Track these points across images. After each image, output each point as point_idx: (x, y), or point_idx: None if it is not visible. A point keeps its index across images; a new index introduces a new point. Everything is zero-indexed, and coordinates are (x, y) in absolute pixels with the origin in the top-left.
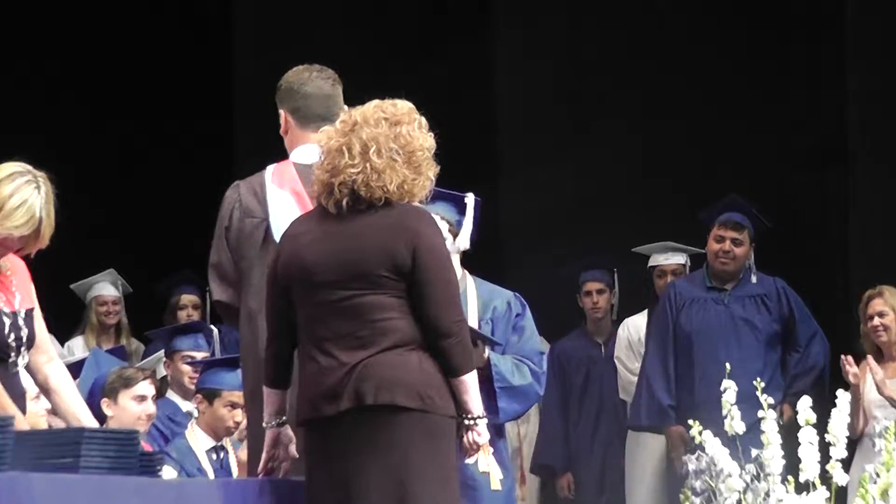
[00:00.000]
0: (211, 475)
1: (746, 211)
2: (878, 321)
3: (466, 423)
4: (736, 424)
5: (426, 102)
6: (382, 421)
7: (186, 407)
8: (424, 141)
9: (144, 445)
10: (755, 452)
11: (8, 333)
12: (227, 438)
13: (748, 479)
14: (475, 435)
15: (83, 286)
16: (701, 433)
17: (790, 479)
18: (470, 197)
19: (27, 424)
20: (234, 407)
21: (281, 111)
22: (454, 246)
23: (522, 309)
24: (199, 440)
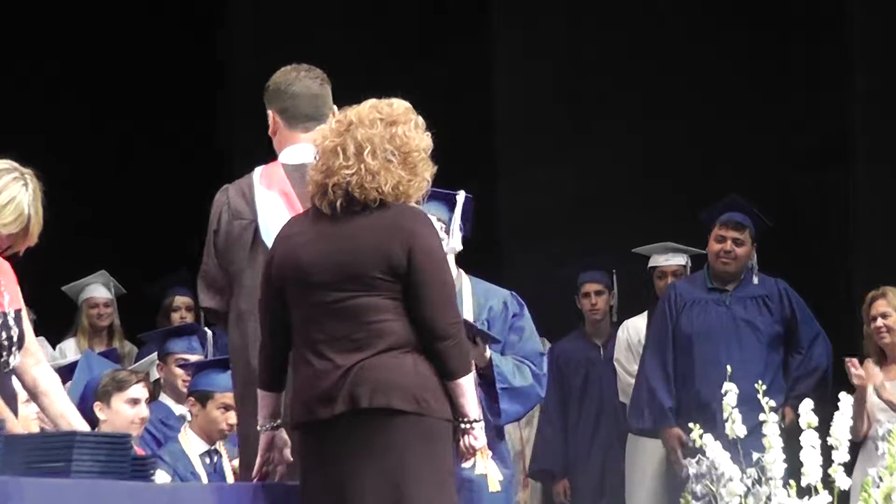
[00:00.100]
0: (204, 479)
1: (747, 211)
2: (881, 322)
3: (463, 426)
4: (737, 427)
5: (425, 102)
6: (378, 424)
7: (180, 410)
8: (420, 141)
9: (137, 449)
10: (756, 456)
11: None
12: (220, 442)
13: (749, 483)
14: (472, 439)
15: (75, 288)
16: (702, 436)
17: (792, 482)
18: (461, 194)
19: (20, 426)
20: (227, 409)
21: (269, 112)
22: (448, 246)
23: (520, 308)
24: (192, 444)
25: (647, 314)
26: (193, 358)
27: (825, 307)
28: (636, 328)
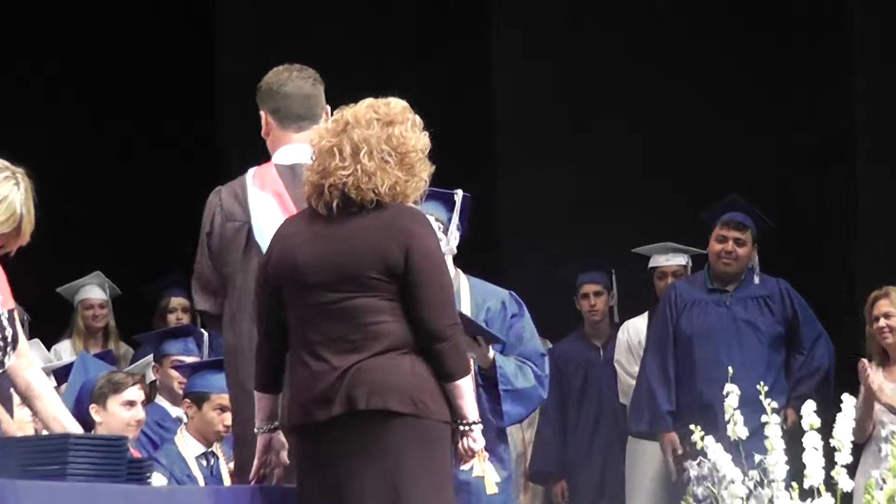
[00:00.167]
0: (201, 482)
1: (749, 211)
2: (883, 322)
3: (462, 428)
4: (739, 429)
5: (426, 102)
6: (375, 426)
7: (176, 412)
8: (418, 141)
9: (133, 452)
10: (758, 458)
11: None
12: (217, 444)
13: (751, 485)
14: (470, 441)
15: (70, 289)
16: (703, 438)
17: (794, 485)
18: (458, 193)
19: (15, 427)
20: (223, 410)
21: (261, 113)
22: (446, 247)
23: (519, 309)
24: (188, 446)
25: (647, 315)
26: (189, 360)
27: (827, 307)
28: (636, 329)
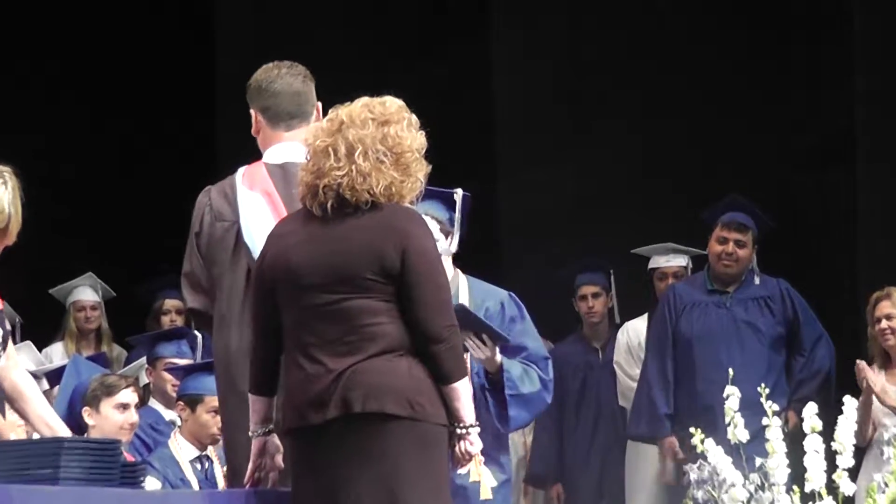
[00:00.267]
0: (195, 486)
1: (749, 211)
2: (885, 324)
3: (459, 431)
4: (739, 432)
5: (425, 102)
6: (371, 429)
7: (169, 415)
8: (413, 141)
9: (126, 456)
10: (759, 461)
11: None
12: (211, 447)
13: (752, 488)
14: (467, 444)
15: (62, 291)
16: (703, 441)
17: (795, 488)
18: (458, 192)
19: (7, 428)
20: (217, 413)
21: (252, 111)
22: (446, 247)
23: (519, 312)
24: (182, 449)
25: (647, 316)
26: (183, 362)
27: (827, 308)
28: (636, 330)
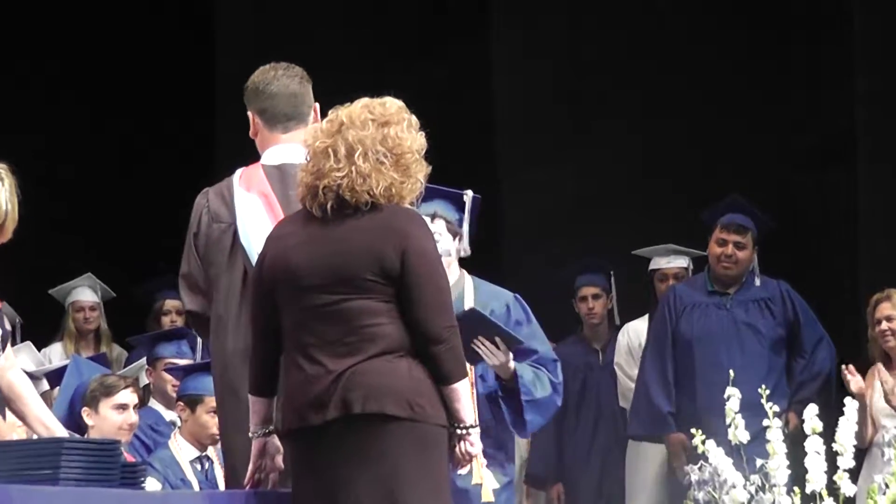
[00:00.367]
0: (196, 487)
1: (749, 212)
2: (885, 326)
3: (459, 432)
4: (740, 433)
5: (425, 102)
6: (371, 430)
7: (170, 416)
8: (413, 142)
9: (127, 456)
10: (760, 462)
11: None
12: (212, 447)
13: (753, 490)
14: (468, 445)
15: (62, 291)
16: (704, 442)
17: (796, 489)
18: (468, 194)
19: (6, 428)
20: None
21: (249, 113)
22: (455, 246)
23: (525, 315)
24: (182, 450)
25: (648, 317)
26: (183, 363)
27: (828, 308)
28: (637, 332)
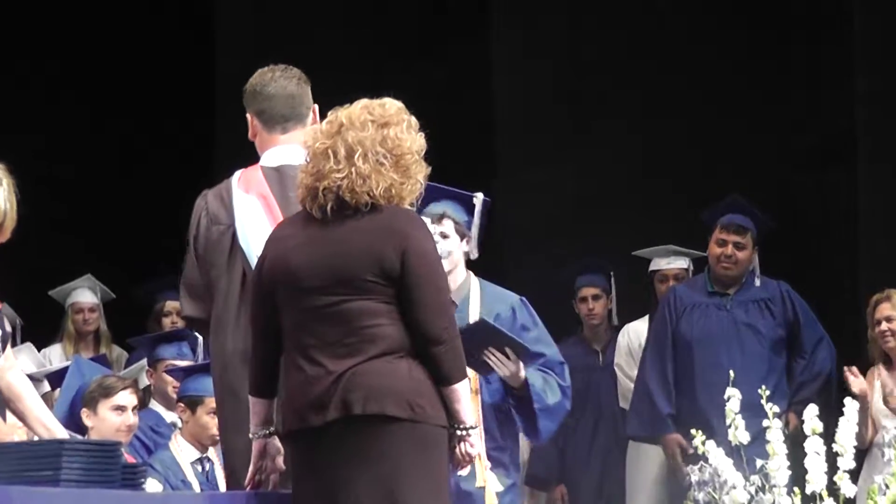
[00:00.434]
0: (196, 488)
1: (749, 212)
2: (885, 326)
3: (459, 433)
4: (740, 434)
5: (425, 102)
6: (371, 431)
7: (170, 417)
8: (413, 143)
9: (127, 457)
10: (760, 463)
11: None
12: (212, 449)
13: (753, 490)
14: (468, 446)
15: (61, 292)
16: (704, 443)
17: (796, 490)
18: (479, 197)
19: (7, 432)
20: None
21: (248, 115)
22: (462, 248)
23: (531, 318)
24: (183, 451)
25: (648, 318)
26: (184, 364)
27: (829, 309)
28: (637, 332)
